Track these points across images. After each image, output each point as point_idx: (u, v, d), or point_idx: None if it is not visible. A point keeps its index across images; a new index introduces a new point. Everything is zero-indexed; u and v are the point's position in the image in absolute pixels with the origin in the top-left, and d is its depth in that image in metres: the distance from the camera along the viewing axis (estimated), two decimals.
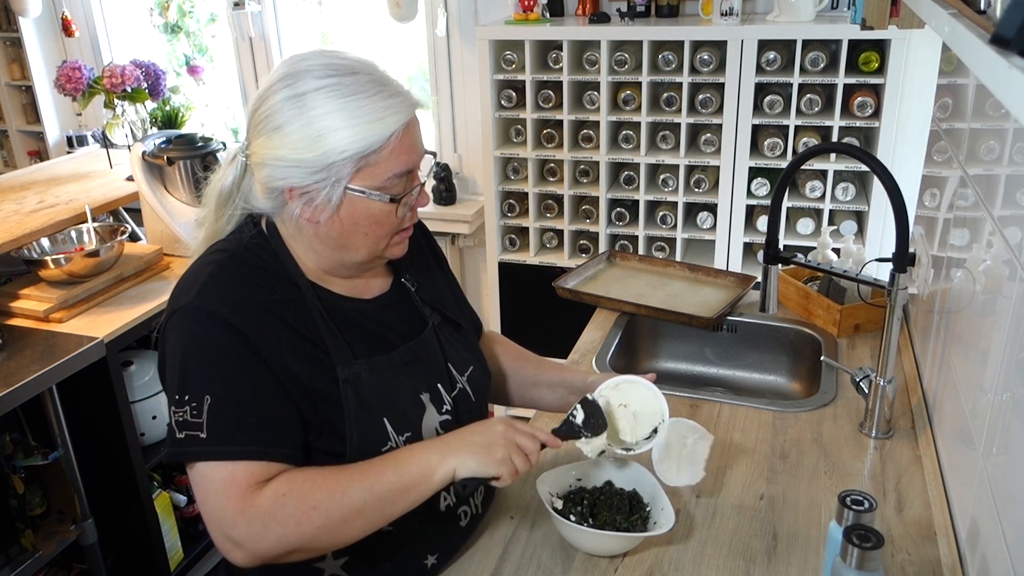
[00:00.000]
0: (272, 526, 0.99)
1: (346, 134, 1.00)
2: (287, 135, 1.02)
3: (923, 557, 1.17)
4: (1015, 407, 0.95)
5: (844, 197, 2.47)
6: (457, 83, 3.09)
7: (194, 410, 1.00)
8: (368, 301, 1.18)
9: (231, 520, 1.00)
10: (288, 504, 1.00)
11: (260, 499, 1.00)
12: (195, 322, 1.03)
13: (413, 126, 1.06)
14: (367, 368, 1.10)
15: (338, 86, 1.01)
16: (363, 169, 1.03)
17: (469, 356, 1.26)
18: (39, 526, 2.12)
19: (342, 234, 1.07)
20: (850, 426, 1.49)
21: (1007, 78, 0.57)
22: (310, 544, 1.02)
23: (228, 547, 1.01)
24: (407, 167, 1.05)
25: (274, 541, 1.00)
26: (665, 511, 1.18)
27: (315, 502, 1.01)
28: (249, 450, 1.01)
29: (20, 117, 3.83)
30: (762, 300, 1.59)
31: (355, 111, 1.00)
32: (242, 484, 1.00)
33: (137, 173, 2.51)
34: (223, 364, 1.02)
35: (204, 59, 3.62)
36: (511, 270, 2.88)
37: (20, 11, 3.39)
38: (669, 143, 2.62)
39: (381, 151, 1.02)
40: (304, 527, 1.00)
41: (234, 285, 1.06)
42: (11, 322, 2.16)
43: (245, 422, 1.02)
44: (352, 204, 1.05)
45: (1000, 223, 1.09)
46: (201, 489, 1.02)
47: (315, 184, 1.02)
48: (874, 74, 2.34)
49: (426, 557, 1.18)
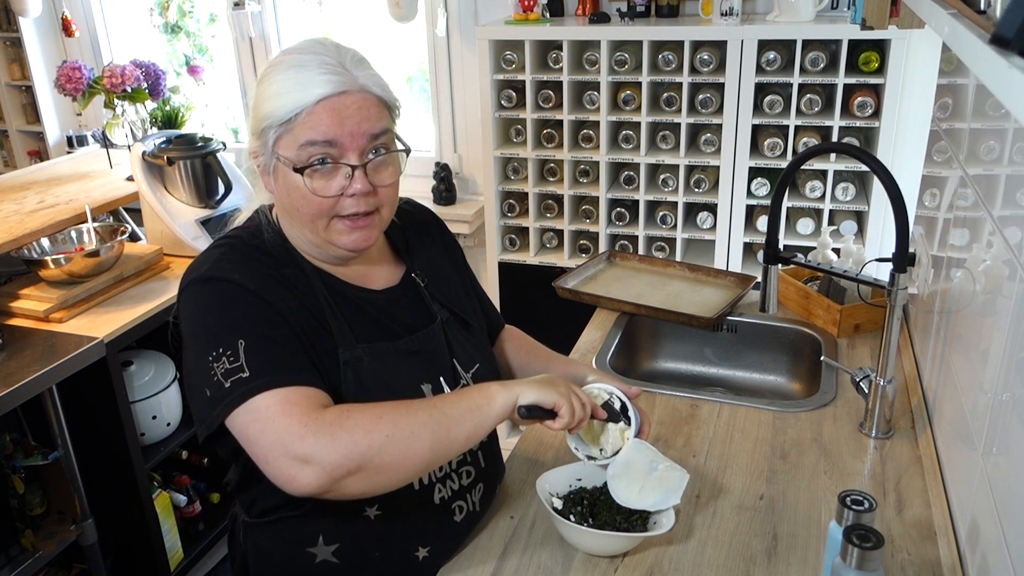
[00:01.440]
0: (340, 435, 0.98)
1: (275, 102, 1.07)
2: (251, 107, 1.12)
3: (923, 557, 1.17)
4: (1015, 407, 0.95)
5: (844, 197, 2.47)
6: (457, 83, 3.09)
7: (232, 357, 1.02)
8: (376, 292, 1.20)
9: (298, 434, 0.97)
10: (354, 415, 1.00)
11: (325, 414, 1.00)
12: (212, 287, 1.07)
13: (342, 100, 1.07)
14: (368, 352, 1.12)
15: (290, 63, 1.08)
16: (283, 136, 1.08)
17: (476, 354, 1.27)
18: (39, 526, 2.12)
19: (284, 205, 1.13)
20: (850, 426, 1.49)
21: (1007, 78, 0.57)
22: (379, 457, 0.99)
23: (295, 469, 0.97)
24: (321, 137, 1.06)
25: (344, 451, 0.97)
26: (665, 511, 1.18)
27: (381, 412, 1.02)
28: (294, 377, 1.02)
29: (20, 117, 3.83)
30: (762, 300, 1.59)
31: (286, 82, 1.07)
32: (299, 402, 1.00)
33: (137, 173, 2.51)
34: (248, 313, 1.05)
35: (204, 59, 3.62)
36: (511, 270, 2.88)
37: (20, 11, 3.39)
38: (669, 143, 2.62)
39: (296, 118, 1.06)
40: (373, 434, 0.99)
41: (244, 260, 1.11)
42: (11, 322, 2.16)
43: (282, 356, 1.04)
44: (282, 174, 1.10)
45: (1000, 223, 1.09)
46: (257, 423, 0.99)
47: (258, 148, 1.11)
48: (874, 74, 2.33)
49: (417, 549, 1.18)
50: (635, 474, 1.18)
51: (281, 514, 1.17)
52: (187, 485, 2.56)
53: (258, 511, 1.20)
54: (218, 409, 1.01)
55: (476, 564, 1.20)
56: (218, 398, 1.01)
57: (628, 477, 1.18)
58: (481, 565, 1.19)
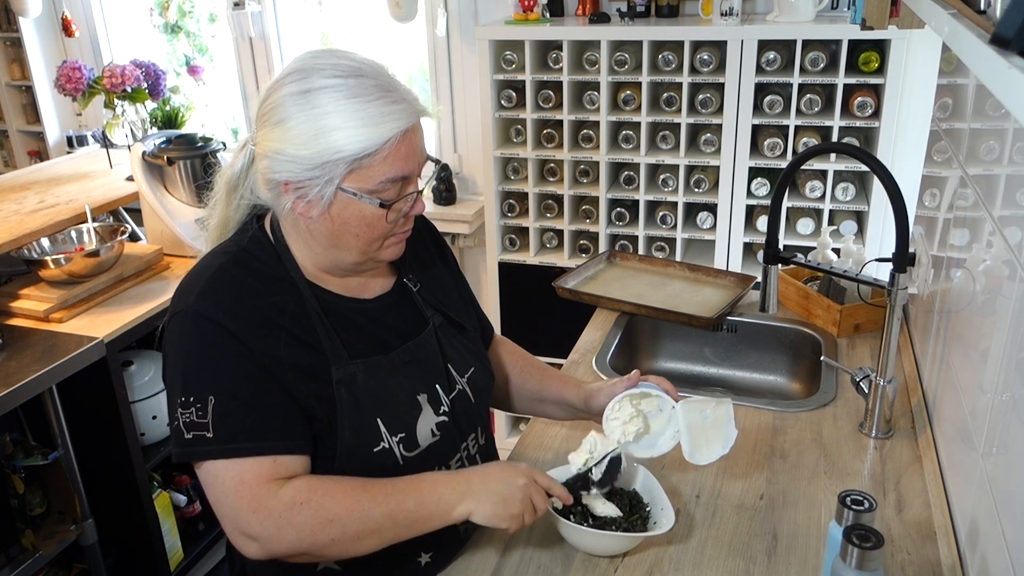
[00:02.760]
0: (287, 529, 1.02)
1: (343, 135, 1.01)
2: (288, 130, 1.03)
3: (923, 557, 1.17)
4: (1015, 407, 0.95)
5: (844, 197, 2.47)
6: (457, 83, 3.08)
7: (199, 411, 1.02)
8: (368, 301, 1.19)
9: (245, 519, 1.02)
10: (305, 512, 1.02)
11: (275, 501, 1.02)
12: (193, 327, 1.05)
13: (413, 133, 1.05)
14: (363, 368, 1.11)
15: (342, 87, 1.02)
16: (356, 171, 1.03)
17: (471, 358, 1.26)
18: (39, 526, 2.12)
19: (332, 233, 1.08)
20: (850, 426, 1.49)
21: (1007, 78, 0.57)
22: (322, 552, 1.05)
23: (243, 541, 1.04)
24: (402, 173, 1.05)
25: (288, 544, 1.03)
26: (665, 511, 1.18)
27: (332, 515, 1.03)
28: (256, 446, 1.03)
29: (20, 117, 3.83)
30: (762, 300, 1.59)
31: (354, 113, 1.01)
32: (252, 483, 1.02)
33: (137, 173, 2.51)
34: (223, 365, 1.04)
35: (204, 59, 3.62)
36: (511, 270, 2.88)
37: (20, 11, 3.39)
38: (669, 143, 2.62)
39: (376, 155, 1.03)
40: (319, 536, 1.03)
41: (232, 290, 1.08)
42: (11, 322, 2.16)
43: (250, 419, 1.03)
44: (343, 204, 1.05)
45: (1000, 223, 1.09)
46: (213, 488, 1.04)
47: (309, 180, 1.04)
48: (874, 74, 2.33)
49: (420, 555, 1.19)
50: (698, 433, 1.21)
51: None
52: (187, 485, 2.56)
53: None
54: (180, 449, 1.04)
55: (476, 564, 1.19)
56: (180, 441, 1.04)
57: (696, 439, 1.20)
58: (481, 565, 1.19)
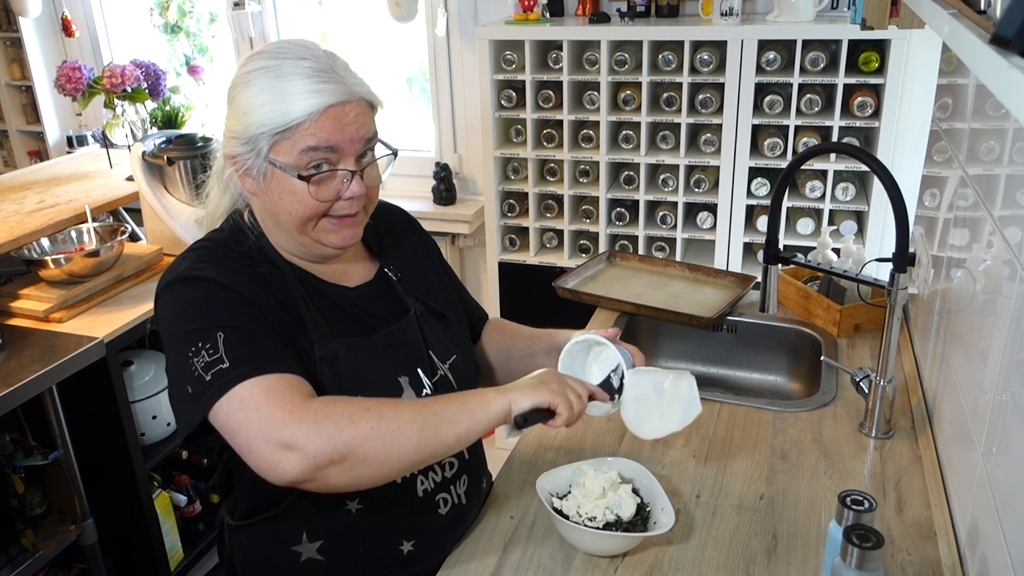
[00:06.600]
0: (324, 423, 0.98)
1: (268, 108, 1.07)
2: (233, 108, 1.12)
3: (923, 557, 1.17)
4: (1015, 407, 0.95)
5: (844, 197, 2.47)
6: (457, 83, 3.08)
7: (211, 350, 1.02)
8: (350, 289, 1.22)
9: (281, 420, 0.97)
10: (340, 405, 1.00)
11: (310, 402, 1.00)
12: (189, 287, 1.09)
13: (340, 109, 1.08)
14: (345, 347, 1.13)
15: (277, 68, 1.08)
16: (279, 143, 1.08)
17: (453, 347, 1.28)
18: (39, 526, 2.12)
19: (272, 208, 1.13)
20: (850, 426, 1.49)
21: (1007, 78, 0.57)
22: (363, 448, 0.98)
23: (278, 455, 0.96)
24: (317, 143, 1.08)
25: (327, 439, 0.97)
26: (665, 511, 1.18)
27: (368, 405, 1.01)
28: (276, 366, 1.03)
29: (20, 117, 3.83)
30: (762, 300, 1.59)
31: (282, 89, 1.07)
32: (282, 390, 1.00)
33: (137, 173, 2.51)
34: (226, 308, 1.06)
35: (204, 59, 3.62)
36: (511, 270, 2.88)
37: (20, 11, 3.39)
38: (669, 143, 2.62)
39: (299, 127, 1.07)
40: (357, 425, 0.98)
41: (220, 260, 1.12)
42: (11, 322, 2.16)
43: (263, 346, 1.04)
44: (274, 178, 1.10)
45: (1000, 223, 1.09)
46: (240, 412, 0.99)
47: (245, 154, 1.10)
48: (874, 74, 2.33)
49: (402, 543, 1.19)
50: (649, 404, 1.18)
51: (263, 515, 1.17)
52: (187, 485, 2.55)
53: (241, 513, 1.21)
54: (200, 403, 1.01)
55: (476, 564, 1.20)
56: (199, 392, 1.01)
57: (645, 411, 1.17)
58: (481, 565, 1.19)
